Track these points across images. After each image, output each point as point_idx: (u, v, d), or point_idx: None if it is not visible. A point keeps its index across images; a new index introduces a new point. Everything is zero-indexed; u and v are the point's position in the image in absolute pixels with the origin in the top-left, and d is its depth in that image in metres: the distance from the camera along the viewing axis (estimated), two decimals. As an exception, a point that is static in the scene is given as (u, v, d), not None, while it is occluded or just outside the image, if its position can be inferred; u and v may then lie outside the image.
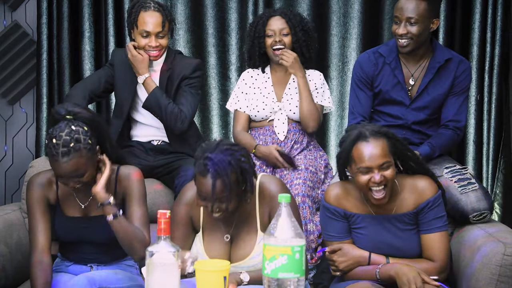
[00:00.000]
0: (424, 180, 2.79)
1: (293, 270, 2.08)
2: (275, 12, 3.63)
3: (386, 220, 2.79)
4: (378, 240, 2.79)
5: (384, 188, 2.69)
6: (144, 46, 3.44)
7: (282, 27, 3.57)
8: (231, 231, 2.76)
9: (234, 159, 2.59)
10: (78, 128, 2.66)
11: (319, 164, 3.51)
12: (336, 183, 2.91)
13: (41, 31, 4.14)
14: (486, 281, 2.70)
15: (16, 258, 3.18)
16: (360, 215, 2.81)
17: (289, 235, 2.08)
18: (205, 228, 2.77)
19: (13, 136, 4.34)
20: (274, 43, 3.55)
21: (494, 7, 4.00)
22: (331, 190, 2.86)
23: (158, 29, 3.42)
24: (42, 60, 4.15)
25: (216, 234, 2.76)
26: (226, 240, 2.75)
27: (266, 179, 2.79)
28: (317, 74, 3.65)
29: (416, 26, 3.24)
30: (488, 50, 4.03)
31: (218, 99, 4.25)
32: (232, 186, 2.57)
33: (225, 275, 2.29)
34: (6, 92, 4.30)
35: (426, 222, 2.76)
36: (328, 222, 2.84)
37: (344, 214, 2.81)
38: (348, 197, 2.82)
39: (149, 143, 3.55)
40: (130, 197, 2.81)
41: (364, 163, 2.66)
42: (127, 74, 3.52)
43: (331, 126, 4.25)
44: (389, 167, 2.68)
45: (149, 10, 3.43)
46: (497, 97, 4.03)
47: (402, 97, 3.37)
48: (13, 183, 4.36)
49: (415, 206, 2.77)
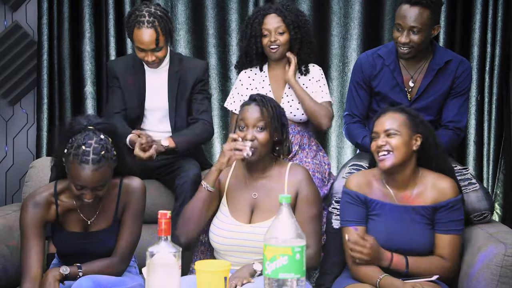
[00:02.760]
0: (448, 181, 2.85)
1: (294, 270, 2.07)
2: (270, 10, 3.53)
3: (405, 210, 2.83)
4: (391, 230, 2.81)
5: (388, 153, 2.78)
6: (142, 58, 3.41)
7: (278, 26, 3.49)
8: (258, 191, 2.91)
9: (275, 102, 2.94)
10: (105, 138, 2.65)
11: (324, 169, 3.49)
12: (359, 172, 3.00)
13: (41, 31, 4.16)
14: (487, 282, 2.70)
15: (17, 259, 3.10)
16: (380, 202, 2.85)
17: (290, 236, 2.07)
18: (230, 190, 2.94)
19: (14, 136, 4.36)
20: (270, 43, 3.50)
21: (495, 7, 4.00)
22: (354, 177, 2.95)
23: (152, 46, 3.36)
24: (42, 61, 4.16)
25: (240, 195, 2.92)
26: (254, 197, 2.89)
27: (297, 165, 3.01)
28: (317, 70, 3.59)
29: (419, 35, 3.24)
30: (488, 51, 4.04)
31: (218, 100, 4.26)
32: (272, 116, 2.86)
33: (226, 276, 2.28)
34: (7, 93, 4.31)
35: (444, 223, 2.80)
36: (347, 208, 2.89)
37: (365, 199, 2.86)
38: (370, 185, 2.89)
39: None
40: (128, 211, 2.80)
41: (374, 128, 2.85)
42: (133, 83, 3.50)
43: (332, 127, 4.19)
44: (395, 136, 2.79)
45: (142, 28, 3.32)
46: (497, 98, 4.04)
47: (401, 99, 3.36)
48: (13, 183, 4.37)
49: (434, 202, 2.81)
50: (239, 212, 2.90)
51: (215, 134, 4.20)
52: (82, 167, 2.58)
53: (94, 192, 2.63)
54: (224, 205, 2.94)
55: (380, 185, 2.89)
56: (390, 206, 2.85)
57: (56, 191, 2.76)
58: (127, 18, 3.43)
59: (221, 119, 4.30)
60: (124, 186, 2.80)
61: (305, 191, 2.89)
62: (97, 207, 2.77)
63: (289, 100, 3.54)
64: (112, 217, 2.80)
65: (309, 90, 3.53)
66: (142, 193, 2.83)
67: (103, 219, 2.80)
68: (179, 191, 3.28)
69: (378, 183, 2.90)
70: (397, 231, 2.81)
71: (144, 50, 3.37)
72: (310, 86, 3.55)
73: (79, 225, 2.80)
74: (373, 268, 2.78)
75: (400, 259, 2.78)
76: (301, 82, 3.56)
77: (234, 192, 2.94)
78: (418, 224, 2.82)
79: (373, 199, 2.86)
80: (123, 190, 2.80)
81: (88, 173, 2.58)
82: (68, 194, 2.75)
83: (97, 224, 2.79)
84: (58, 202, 2.75)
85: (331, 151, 4.23)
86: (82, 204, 2.72)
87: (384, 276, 2.74)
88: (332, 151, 4.24)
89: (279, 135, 2.91)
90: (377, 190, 2.89)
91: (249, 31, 3.54)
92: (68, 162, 2.62)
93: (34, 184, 3.46)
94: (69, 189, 2.70)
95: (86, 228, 2.80)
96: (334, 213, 3.22)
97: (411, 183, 2.86)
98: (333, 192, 3.28)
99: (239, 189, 2.94)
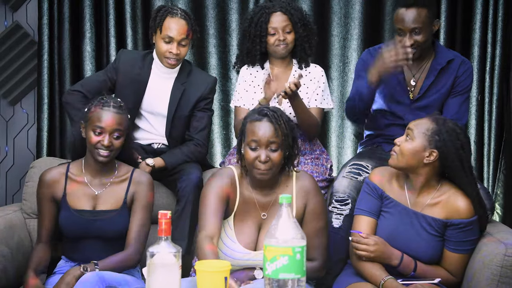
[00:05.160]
0: (465, 200, 2.80)
1: (294, 270, 2.08)
2: (275, 8, 3.46)
3: (416, 216, 2.83)
4: (398, 231, 2.83)
5: None
6: (164, 52, 3.39)
7: (285, 24, 3.44)
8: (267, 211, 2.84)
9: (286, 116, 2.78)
10: None
11: (325, 171, 3.48)
12: (383, 167, 2.99)
13: (42, 31, 4.16)
14: (487, 282, 2.69)
15: (17, 259, 3.17)
16: (394, 201, 2.86)
17: (290, 236, 2.08)
18: (239, 212, 2.82)
19: (14, 136, 4.36)
20: (278, 42, 3.44)
21: (495, 7, 4.01)
22: (378, 171, 2.97)
23: (182, 36, 3.38)
24: (43, 61, 4.16)
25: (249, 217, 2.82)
26: (263, 218, 2.81)
27: (302, 173, 2.91)
28: (318, 72, 3.56)
29: (422, 35, 3.26)
30: (489, 51, 4.05)
31: (219, 100, 4.24)
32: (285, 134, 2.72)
33: (226, 276, 2.28)
34: (7, 93, 4.31)
35: (454, 241, 2.80)
36: (364, 197, 2.93)
37: (381, 194, 2.88)
38: (390, 182, 2.91)
39: (150, 146, 3.54)
40: (138, 202, 2.96)
41: None
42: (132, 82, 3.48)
43: (331, 126, 4.25)
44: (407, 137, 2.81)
45: (175, 17, 3.39)
46: (498, 98, 4.04)
47: (403, 97, 3.39)
48: (14, 183, 4.37)
49: (446, 218, 2.79)
50: (246, 236, 2.81)
51: (215, 134, 4.26)
52: (103, 110, 2.89)
53: (111, 140, 2.87)
54: (230, 228, 2.84)
55: (399, 185, 2.90)
56: (403, 208, 2.86)
57: (68, 168, 3.00)
58: (156, 10, 3.45)
59: (221, 119, 4.28)
60: (135, 176, 2.99)
61: (312, 203, 2.83)
62: (106, 184, 2.96)
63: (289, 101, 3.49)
64: (122, 201, 2.95)
65: (309, 90, 3.50)
66: (151, 186, 2.99)
67: (111, 198, 2.96)
68: (181, 194, 3.29)
69: (398, 183, 2.91)
70: (403, 232, 2.82)
71: (171, 41, 3.38)
72: (310, 86, 3.51)
73: (87, 202, 2.95)
74: (378, 267, 2.79)
75: (410, 261, 2.79)
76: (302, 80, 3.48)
77: (242, 214, 2.84)
78: (426, 233, 2.81)
79: (389, 196, 2.88)
80: (133, 179, 2.98)
81: (110, 114, 2.88)
82: (79, 168, 3.00)
83: (105, 203, 2.95)
84: (68, 174, 2.98)
85: (331, 151, 4.24)
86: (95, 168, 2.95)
87: (388, 278, 2.75)
88: (332, 151, 4.24)
89: (290, 150, 2.80)
90: (395, 189, 2.90)
91: (253, 30, 3.47)
92: (89, 112, 2.90)
93: (35, 184, 3.36)
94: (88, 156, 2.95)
95: (94, 206, 2.95)
96: (334, 212, 3.22)
97: (425, 191, 2.84)
98: (333, 191, 3.27)
99: (248, 211, 2.84)
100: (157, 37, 3.40)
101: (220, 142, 4.28)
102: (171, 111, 3.48)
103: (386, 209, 2.88)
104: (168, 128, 3.51)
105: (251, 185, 2.83)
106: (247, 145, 2.73)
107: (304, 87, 3.49)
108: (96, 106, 2.90)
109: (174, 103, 3.48)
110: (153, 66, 3.50)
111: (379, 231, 2.87)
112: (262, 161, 2.70)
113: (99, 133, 2.86)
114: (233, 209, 2.82)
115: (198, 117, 3.51)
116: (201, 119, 3.51)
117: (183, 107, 3.48)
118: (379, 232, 2.87)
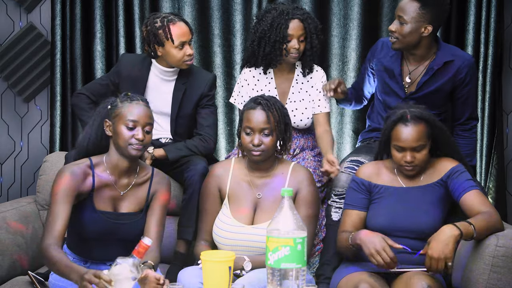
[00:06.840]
0: (448, 159, 2.97)
1: (295, 260, 2.12)
2: (293, 15, 3.38)
3: (415, 190, 2.94)
4: (396, 210, 2.91)
5: (414, 167, 2.89)
6: (182, 57, 3.44)
7: (301, 33, 3.39)
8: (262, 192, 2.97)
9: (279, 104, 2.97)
10: None
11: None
12: (371, 162, 3.07)
13: (55, 32, 4.17)
14: (479, 271, 2.71)
15: (32, 248, 3.24)
16: (384, 186, 2.96)
17: (291, 228, 2.12)
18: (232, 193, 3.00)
19: (29, 132, 4.38)
20: (293, 49, 3.39)
21: (488, 9, 3.98)
22: (364, 167, 3.06)
23: (190, 36, 3.46)
24: (56, 60, 4.17)
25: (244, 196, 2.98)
26: (258, 197, 2.97)
27: (300, 166, 3.07)
28: (319, 77, 3.54)
29: (404, 26, 3.25)
30: (482, 51, 4.01)
31: (223, 97, 4.26)
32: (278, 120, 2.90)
33: (230, 265, 2.35)
34: (22, 90, 4.33)
35: (459, 185, 2.88)
36: (351, 192, 3.02)
37: (368, 185, 2.97)
38: (379, 173, 3.01)
39: (158, 140, 3.57)
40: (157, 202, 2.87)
41: (400, 143, 2.88)
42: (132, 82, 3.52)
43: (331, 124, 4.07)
44: (422, 149, 2.87)
45: (177, 22, 3.43)
46: (490, 96, 4.03)
47: (397, 90, 3.41)
48: (28, 177, 4.40)
49: (441, 177, 2.93)
50: (241, 214, 2.94)
51: (219, 130, 4.21)
52: (134, 103, 2.76)
53: (144, 133, 2.73)
54: (226, 207, 2.97)
55: (389, 172, 2.98)
56: (395, 188, 2.93)
57: (92, 164, 2.80)
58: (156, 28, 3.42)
59: (225, 115, 4.28)
60: (156, 174, 2.91)
61: (304, 191, 2.95)
62: (129, 184, 2.83)
63: (293, 109, 3.49)
64: (144, 202, 2.86)
65: (311, 98, 3.50)
66: (169, 187, 2.93)
67: (134, 200, 2.84)
68: (188, 182, 3.34)
69: (388, 171, 2.98)
70: (401, 210, 2.90)
71: (184, 45, 3.43)
72: (312, 93, 3.51)
73: (110, 204, 2.81)
74: None
75: (467, 225, 2.68)
76: (303, 87, 3.52)
77: (237, 194, 2.98)
78: (424, 204, 2.89)
79: (377, 184, 2.96)
80: (154, 178, 2.89)
81: (141, 107, 2.75)
82: (103, 168, 2.80)
83: (128, 204, 2.83)
84: (95, 173, 2.78)
85: (332, 150, 4.25)
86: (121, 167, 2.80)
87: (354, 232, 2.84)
88: (333, 149, 4.25)
89: (283, 135, 2.96)
90: (385, 176, 2.98)
91: (273, 36, 3.39)
92: (116, 109, 2.75)
93: (48, 178, 3.51)
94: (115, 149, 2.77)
95: (116, 208, 2.82)
96: (333, 206, 3.27)
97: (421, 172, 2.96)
98: (332, 186, 3.31)
99: (243, 191, 2.98)
100: (169, 48, 3.43)
101: (225, 137, 4.28)
102: (174, 110, 3.55)
103: (378, 196, 2.95)
104: (173, 126, 3.57)
105: (247, 167, 3.00)
106: (243, 131, 2.93)
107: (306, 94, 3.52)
108: (123, 101, 2.76)
109: (177, 102, 3.54)
110: (152, 68, 3.55)
111: (377, 217, 2.92)
112: (255, 144, 2.88)
113: (132, 128, 2.72)
114: (225, 192, 3.00)
115: (202, 114, 3.55)
116: (206, 115, 3.55)
117: (186, 106, 3.55)
118: (377, 218, 2.93)
